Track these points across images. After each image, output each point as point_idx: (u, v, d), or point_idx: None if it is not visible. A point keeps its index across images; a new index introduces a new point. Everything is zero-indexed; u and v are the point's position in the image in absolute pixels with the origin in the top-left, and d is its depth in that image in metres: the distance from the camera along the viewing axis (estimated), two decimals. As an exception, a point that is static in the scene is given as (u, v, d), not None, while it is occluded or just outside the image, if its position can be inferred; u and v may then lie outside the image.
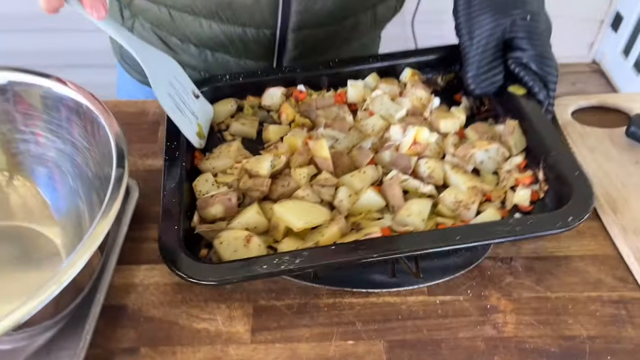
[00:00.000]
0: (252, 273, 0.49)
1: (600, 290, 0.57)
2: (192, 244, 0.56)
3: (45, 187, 0.60)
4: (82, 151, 0.57)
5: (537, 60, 0.64)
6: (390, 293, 0.56)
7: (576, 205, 0.53)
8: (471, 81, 0.66)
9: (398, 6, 0.91)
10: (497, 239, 0.52)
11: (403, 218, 0.57)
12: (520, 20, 0.63)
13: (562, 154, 0.58)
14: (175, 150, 0.62)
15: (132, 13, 0.83)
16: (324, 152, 0.61)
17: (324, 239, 0.54)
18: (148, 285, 0.57)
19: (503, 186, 0.61)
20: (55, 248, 0.59)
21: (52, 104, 0.55)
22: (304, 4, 0.75)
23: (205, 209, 0.58)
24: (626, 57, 2.31)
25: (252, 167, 0.62)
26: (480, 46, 0.65)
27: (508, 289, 0.57)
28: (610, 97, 0.77)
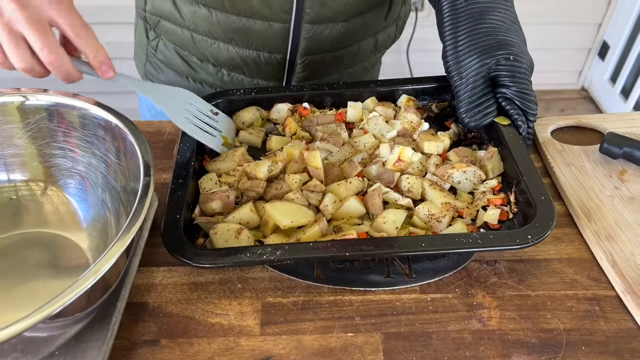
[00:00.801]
0: (237, 260, 0.57)
1: (576, 289, 0.62)
2: (191, 233, 0.64)
3: (74, 197, 0.66)
4: (111, 166, 0.64)
5: (518, 96, 0.71)
6: (385, 291, 0.62)
7: (537, 226, 0.59)
8: (465, 115, 0.73)
9: (397, 34, 0.99)
10: (459, 248, 0.57)
11: (379, 224, 0.63)
12: (504, 60, 0.70)
13: (533, 181, 0.64)
14: (186, 152, 0.70)
15: (157, 34, 0.91)
16: (316, 162, 0.69)
17: (305, 237, 0.61)
18: (166, 285, 0.62)
19: (476, 205, 0.67)
20: (82, 253, 0.65)
21: (88, 123, 0.62)
22: (312, 32, 0.83)
23: (206, 203, 0.66)
24: (613, 84, 2.41)
25: (252, 170, 0.69)
26: (469, 84, 0.72)
27: (493, 288, 0.62)
28: (586, 117, 0.85)
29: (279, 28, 0.82)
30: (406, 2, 0.97)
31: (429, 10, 2.20)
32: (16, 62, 0.55)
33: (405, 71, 2.37)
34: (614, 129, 0.82)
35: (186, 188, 0.64)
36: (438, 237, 0.59)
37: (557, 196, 0.74)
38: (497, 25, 0.72)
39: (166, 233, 0.59)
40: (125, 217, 0.63)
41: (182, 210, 0.62)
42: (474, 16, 0.72)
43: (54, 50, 0.55)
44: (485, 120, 0.73)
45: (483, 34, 0.71)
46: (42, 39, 0.54)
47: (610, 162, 0.76)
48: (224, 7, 0.81)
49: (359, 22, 0.87)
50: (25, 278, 0.62)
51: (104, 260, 0.49)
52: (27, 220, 0.66)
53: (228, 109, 0.81)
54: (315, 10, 0.81)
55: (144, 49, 0.97)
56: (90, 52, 0.58)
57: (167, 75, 0.96)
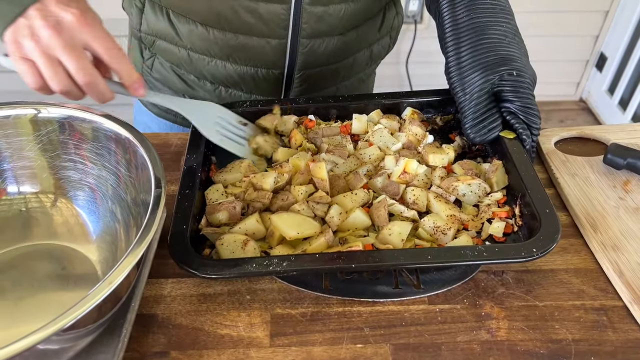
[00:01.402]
0: (244, 271, 0.57)
1: (583, 299, 0.63)
2: (198, 244, 0.64)
3: (84, 209, 0.67)
4: (121, 178, 0.64)
5: (522, 110, 0.72)
6: (394, 302, 0.62)
7: (542, 239, 0.60)
8: (470, 131, 0.73)
9: (392, 44, 1.00)
10: (465, 261, 0.58)
11: (385, 236, 0.63)
12: (507, 75, 0.71)
13: (537, 194, 0.65)
14: (193, 163, 0.71)
15: (152, 53, 0.92)
16: (322, 174, 0.69)
17: (311, 248, 0.61)
18: (175, 296, 0.63)
19: (481, 217, 0.68)
20: (91, 265, 0.65)
21: (100, 136, 0.62)
22: (309, 47, 0.84)
23: (213, 214, 0.66)
24: (611, 95, 2.43)
25: (258, 181, 0.70)
26: (472, 100, 0.72)
27: (500, 299, 0.63)
28: (589, 129, 0.86)
29: (276, 44, 0.83)
30: (399, 13, 0.98)
31: (429, 22, 2.23)
32: (56, 86, 0.57)
33: (405, 83, 2.39)
34: (616, 140, 0.83)
35: (193, 199, 0.65)
36: (444, 249, 0.60)
37: (562, 207, 0.74)
38: (499, 40, 0.73)
39: (173, 244, 0.60)
40: (135, 229, 0.63)
41: (188, 221, 0.62)
42: (476, 31, 0.73)
43: (89, 72, 0.57)
44: (490, 135, 0.73)
45: (485, 49, 0.72)
46: (77, 63, 0.56)
47: (614, 172, 0.77)
48: (221, 25, 0.82)
49: (354, 35, 0.88)
50: (34, 290, 0.62)
51: (116, 272, 0.49)
52: (37, 232, 0.66)
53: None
54: (311, 25, 0.82)
55: (139, 68, 0.97)
56: (123, 72, 0.60)
57: (163, 94, 0.96)
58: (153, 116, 1.01)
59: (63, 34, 0.55)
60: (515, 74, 0.71)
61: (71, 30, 0.56)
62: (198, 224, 0.66)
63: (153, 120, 1.02)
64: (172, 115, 0.98)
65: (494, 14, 0.74)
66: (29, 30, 0.55)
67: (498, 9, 0.75)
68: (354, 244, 0.61)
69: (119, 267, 0.50)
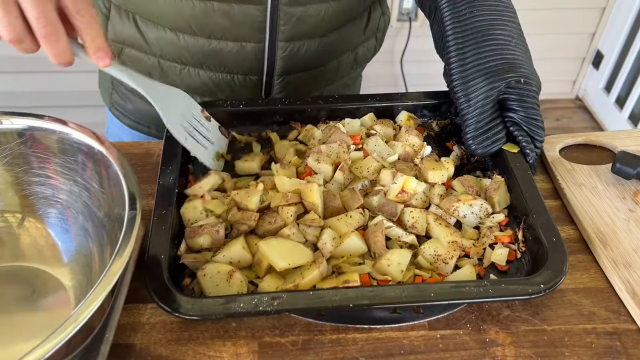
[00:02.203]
0: (230, 311, 0.51)
1: (595, 322, 0.58)
2: (177, 271, 0.58)
3: (55, 228, 0.61)
4: (94, 193, 0.59)
5: (526, 121, 0.67)
6: (392, 328, 0.57)
7: (549, 272, 0.56)
8: (471, 142, 0.68)
9: (377, 46, 0.95)
10: (470, 299, 0.54)
11: (383, 267, 0.58)
12: (515, 82, 0.66)
13: (542, 217, 0.60)
14: (169, 176, 0.64)
15: (120, 62, 0.86)
16: (314, 197, 0.63)
17: (304, 282, 0.55)
18: (155, 324, 0.58)
19: (483, 242, 0.63)
20: (63, 289, 0.60)
21: (68, 148, 0.57)
22: (288, 51, 0.79)
23: (193, 238, 0.60)
24: (608, 94, 2.40)
25: (242, 200, 0.64)
26: (477, 107, 0.67)
27: (506, 322, 0.58)
28: (594, 135, 0.81)
29: (253, 48, 0.78)
30: (385, 13, 0.93)
31: (423, 20, 2.18)
32: (4, 31, 0.48)
33: (399, 82, 2.34)
34: (623, 147, 0.78)
35: (170, 220, 0.59)
36: (447, 285, 0.55)
37: (568, 219, 0.70)
38: (505, 42, 0.68)
39: (149, 278, 0.54)
40: (110, 247, 0.58)
41: (166, 248, 0.56)
42: (481, 31, 0.68)
43: (51, 22, 0.48)
44: (493, 148, 0.68)
45: (491, 53, 0.67)
46: (39, 8, 0.47)
47: (623, 182, 0.72)
48: (192, 30, 0.77)
49: (337, 37, 0.83)
50: (1, 316, 0.57)
51: (84, 306, 0.44)
52: (3, 254, 0.61)
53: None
54: (290, 27, 0.76)
55: (109, 78, 0.91)
56: (89, 33, 0.52)
57: (135, 105, 0.90)
58: (125, 128, 0.95)
59: None
60: (523, 82, 0.66)
61: None
62: (177, 249, 0.60)
63: (125, 132, 0.96)
64: (145, 127, 0.93)
65: (498, 12, 0.69)
66: None
67: (502, 6, 0.70)
68: (351, 278, 0.56)
69: (87, 301, 0.45)
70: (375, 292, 0.53)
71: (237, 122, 0.77)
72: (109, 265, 0.48)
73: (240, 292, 0.56)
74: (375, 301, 0.52)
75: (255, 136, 0.77)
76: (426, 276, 0.59)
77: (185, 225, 0.63)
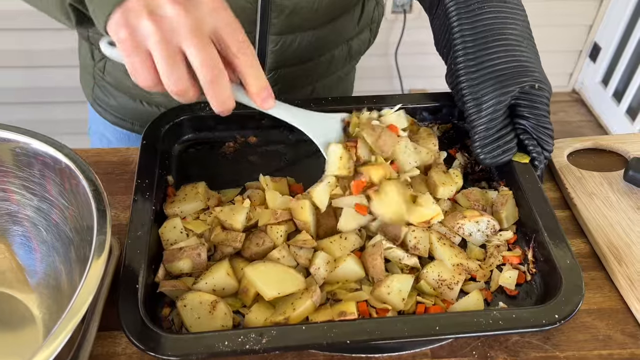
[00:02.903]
0: (214, 350, 0.46)
1: (611, 348, 0.54)
2: (155, 299, 0.53)
3: (20, 248, 0.56)
4: (59, 208, 0.53)
5: (536, 129, 0.62)
6: (391, 357, 0.53)
7: (564, 300, 0.50)
8: (480, 151, 0.62)
9: (372, 38, 0.91)
10: (479, 333, 0.49)
11: (382, 294, 0.53)
12: (529, 88, 0.60)
13: (554, 235, 0.55)
14: (146, 191, 0.58)
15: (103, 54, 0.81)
16: (305, 216, 0.57)
17: (296, 314, 0.50)
18: (131, 354, 0.52)
19: (490, 264, 0.58)
20: (29, 313, 0.55)
21: (27, 160, 0.51)
22: (280, 44, 0.74)
23: (172, 262, 0.55)
24: (605, 87, 2.35)
25: (226, 219, 0.58)
26: (487, 114, 0.61)
27: (515, 349, 0.54)
28: (604, 139, 0.76)
29: None
30: (379, 4, 0.88)
31: (419, 11, 2.12)
32: (172, 85, 0.45)
33: (394, 75, 2.29)
34: (636, 152, 0.74)
35: (146, 242, 0.53)
36: (454, 317, 0.50)
37: (579, 232, 0.65)
38: (517, 43, 0.62)
39: (122, 311, 0.48)
40: (79, 266, 0.53)
41: (141, 275, 0.51)
42: (492, 30, 0.62)
43: (217, 67, 0.45)
44: (504, 158, 0.63)
45: (503, 54, 0.61)
46: (205, 54, 0.44)
47: (637, 191, 0.68)
48: None
49: (331, 29, 0.78)
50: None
51: (50, 341, 0.40)
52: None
53: (194, 126, 0.71)
54: (282, 20, 0.71)
55: (90, 72, 0.85)
56: (251, 74, 0.49)
57: (118, 100, 0.85)
58: (108, 124, 0.90)
59: (191, 14, 0.43)
60: (537, 87, 0.60)
61: (201, 11, 0.43)
62: (155, 274, 0.55)
63: (108, 129, 0.91)
64: (128, 123, 0.87)
65: (510, 9, 0.63)
66: (146, 9, 0.43)
67: (513, 3, 0.64)
68: (347, 309, 0.50)
69: (55, 332, 0.40)
70: (375, 327, 0.48)
71: (222, 127, 0.71)
72: (76, 294, 0.43)
73: (224, 325, 0.50)
74: (374, 336, 0.47)
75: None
76: (429, 304, 0.54)
77: (164, 246, 0.57)
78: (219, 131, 0.71)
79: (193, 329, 0.50)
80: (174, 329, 0.52)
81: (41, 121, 2.07)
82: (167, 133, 0.68)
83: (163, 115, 0.68)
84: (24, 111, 2.08)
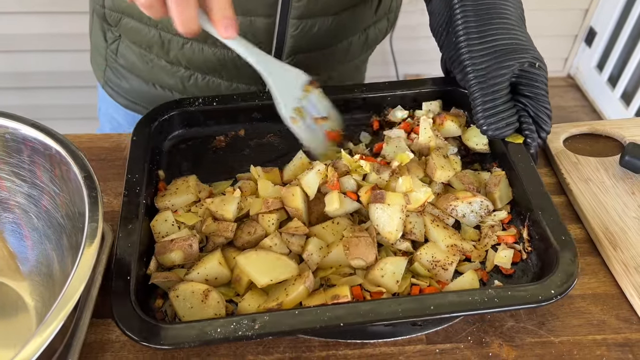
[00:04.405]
0: (206, 338, 0.45)
1: (605, 332, 0.54)
2: (147, 291, 0.53)
3: (11, 235, 0.55)
4: (50, 195, 0.53)
5: (535, 108, 0.63)
6: (386, 343, 0.53)
7: (560, 275, 0.51)
8: (483, 121, 0.63)
9: (389, 28, 0.90)
10: (473, 311, 0.49)
11: (376, 277, 0.53)
12: (528, 65, 0.61)
13: (549, 213, 0.56)
14: (136, 186, 0.58)
15: (117, 35, 0.79)
16: (296, 203, 0.57)
17: (289, 300, 0.50)
18: (125, 341, 0.52)
19: (484, 244, 0.58)
20: (22, 301, 0.54)
21: (16, 146, 0.50)
22: (300, 29, 0.73)
23: (164, 254, 0.54)
24: (600, 72, 2.35)
25: (217, 210, 0.57)
26: (491, 85, 0.62)
27: (510, 334, 0.54)
28: (600, 124, 0.76)
29: (263, 24, 0.71)
30: None
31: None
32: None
33: (389, 60, 2.27)
34: (631, 137, 0.74)
35: (138, 235, 0.53)
36: (449, 297, 0.49)
37: (574, 217, 0.65)
38: (516, 24, 0.63)
39: (115, 303, 0.48)
40: (71, 253, 0.52)
41: (133, 268, 0.50)
42: (494, 8, 0.63)
43: None
44: (507, 131, 0.63)
45: (505, 32, 0.62)
46: None
47: (632, 176, 0.68)
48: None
49: (350, 15, 0.77)
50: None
51: (42, 329, 0.39)
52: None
53: (184, 122, 0.69)
54: (304, 3, 0.70)
55: (103, 53, 0.84)
56: (216, 2, 0.51)
57: (130, 82, 0.84)
58: (119, 107, 0.89)
59: None
60: (537, 66, 0.61)
61: None
62: (146, 267, 0.54)
63: (119, 112, 0.90)
64: (139, 106, 0.86)
65: None
66: None
67: None
68: (341, 292, 0.50)
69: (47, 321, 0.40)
70: (369, 309, 0.48)
71: (212, 122, 0.70)
72: (69, 282, 0.42)
73: (217, 314, 0.50)
74: (368, 318, 0.47)
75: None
76: (424, 285, 0.54)
77: (155, 239, 0.56)
78: (209, 126, 0.70)
79: (186, 319, 0.50)
80: (167, 320, 0.51)
81: (32, 106, 2.05)
82: (158, 129, 0.67)
83: (153, 112, 0.68)
84: (8, 97, 2.04)
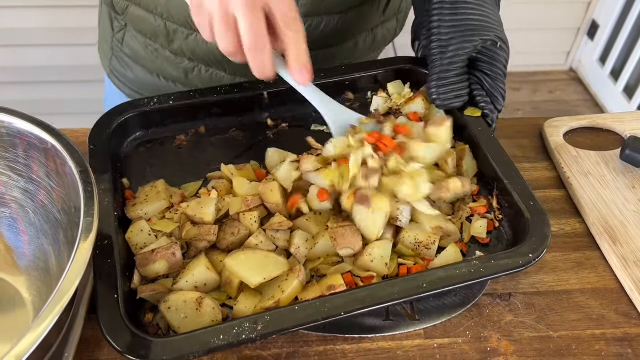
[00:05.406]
0: (211, 346, 0.44)
1: (604, 327, 0.54)
2: (134, 307, 0.50)
3: (7, 229, 0.55)
4: (46, 190, 0.52)
5: (492, 86, 0.64)
6: (384, 337, 0.52)
7: (534, 239, 0.52)
8: (434, 90, 0.64)
9: (398, 29, 0.90)
10: (463, 282, 0.49)
11: (365, 262, 0.53)
12: (491, 43, 0.62)
13: (514, 181, 0.57)
14: (104, 197, 0.54)
15: (123, 24, 0.79)
16: (275, 198, 0.56)
17: (285, 296, 0.49)
18: (122, 336, 0.52)
19: (459, 217, 0.59)
20: (19, 295, 0.54)
21: (11, 141, 0.50)
22: (306, 25, 0.73)
23: (146, 266, 0.51)
24: (602, 65, 2.34)
25: (195, 213, 0.55)
26: (447, 57, 0.63)
27: (508, 329, 0.54)
28: (600, 118, 0.75)
29: None
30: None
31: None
32: (221, 44, 0.52)
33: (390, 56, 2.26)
34: (632, 130, 0.73)
35: (115, 251, 0.50)
36: (438, 272, 0.50)
37: (574, 211, 0.65)
38: (489, 3, 0.64)
39: (105, 325, 0.46)
40: (68, 248, 0.52)
41: (116, 284, 0.48)
42: None
43: (258, 36, 0.50)
44: (454, 102, 0.64)
45: (476, 9, 0.63)
46: (250, 23, 0.50)
47: (632, 170, 0.67)
48: None
49: (356, 14, 0.77)
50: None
51: (36, 324, 0.39)
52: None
53: (141, 123, 0.66)
54: (309, 1, 0.70)
55: (109, 42, 0.84)
56: (293, 48, 0.53)
57: (135, 72, 0.83)
58: (125, 97, 0.89)
59: None
60: (499, 45, 0.62)
61: None
62: (130, 282, 0.52)
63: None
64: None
65: None
66: None
67: None
68: (335, 282, 0.50)
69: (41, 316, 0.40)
70: (366, 294, 0.48)
71: (170, 121, 0.67)
72: (64, 276, 0.42)
73: (214, 320, 0.49)
74: (367, 304, 0.47)
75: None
76: (410, 264, 0.55)
77: (133, 251, 0.54)
78: (168, 125, 0.67)
79: (181, 330, 0.48)
80: (161, 333, 0.50)
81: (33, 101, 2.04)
82: (114, 133, 0.63)
83: (106, 115, 0.64)
84: (9, 91, 2.03)
